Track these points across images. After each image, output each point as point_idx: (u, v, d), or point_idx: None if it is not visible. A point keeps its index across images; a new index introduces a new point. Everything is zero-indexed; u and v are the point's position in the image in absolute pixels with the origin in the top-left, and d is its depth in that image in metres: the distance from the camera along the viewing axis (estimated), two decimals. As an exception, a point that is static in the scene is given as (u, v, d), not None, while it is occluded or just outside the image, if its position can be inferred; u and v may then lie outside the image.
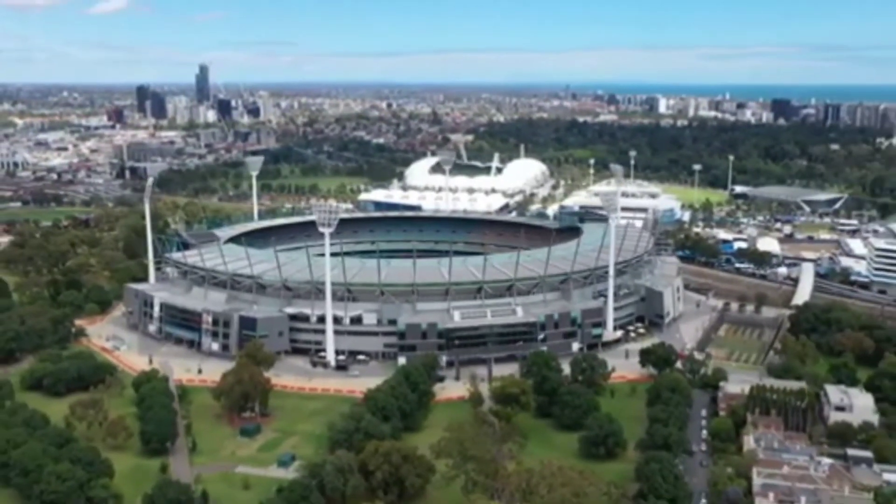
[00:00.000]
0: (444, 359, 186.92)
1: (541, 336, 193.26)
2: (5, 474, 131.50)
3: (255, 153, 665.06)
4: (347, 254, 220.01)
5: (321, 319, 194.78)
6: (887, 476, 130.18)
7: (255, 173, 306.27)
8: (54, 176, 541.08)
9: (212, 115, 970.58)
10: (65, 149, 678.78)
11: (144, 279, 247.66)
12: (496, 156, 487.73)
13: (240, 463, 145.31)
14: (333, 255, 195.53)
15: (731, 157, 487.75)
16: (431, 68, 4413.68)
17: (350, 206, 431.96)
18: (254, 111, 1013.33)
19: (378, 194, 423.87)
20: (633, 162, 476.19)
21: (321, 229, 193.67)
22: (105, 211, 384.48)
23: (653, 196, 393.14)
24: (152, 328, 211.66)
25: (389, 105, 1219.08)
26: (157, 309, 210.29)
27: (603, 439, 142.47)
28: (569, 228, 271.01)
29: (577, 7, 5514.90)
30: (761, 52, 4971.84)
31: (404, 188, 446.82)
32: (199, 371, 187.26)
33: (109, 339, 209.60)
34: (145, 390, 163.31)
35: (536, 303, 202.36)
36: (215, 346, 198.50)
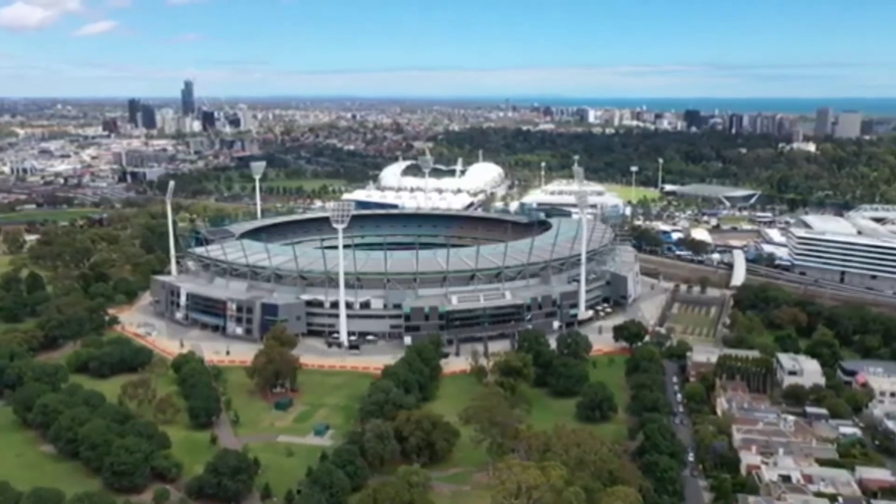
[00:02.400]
0: (444, 337, 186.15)
1: (527, 316, 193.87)
2: (72, 448, 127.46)
3: (241, 159, 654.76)
4: (347, 246, 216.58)
5: (334, 305, 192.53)
6: (842, 429, 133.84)
7: (257, 177, 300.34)
8: (61, 180, 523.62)
9: (197, 126, 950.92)
10: (67, 156, 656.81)
11: (162, 272, 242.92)
12: (460, 160, 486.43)
13: (280, 433, 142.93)
14: (332, 248, 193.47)
15: (661, 160, 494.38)
16: (387, 84, 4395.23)
17: (333, 204, 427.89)
18: (234, 122, 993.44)
19: (359, 194, 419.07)
20: (576, 165, 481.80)
21: (335, 225, 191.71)
22: (117, 211, 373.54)
23: (600, 194, 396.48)
24: (179, 315, 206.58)
25: (354, 116, 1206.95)
26: (183, 298, 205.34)
27: (598, 404, 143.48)
28: (537, 223, 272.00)
29: (513, 31, 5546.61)
30: (671, 70, 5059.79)
31: (381, 189, 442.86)
32: (227, 353, 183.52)
33: (140, 325, 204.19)
34: (186, 371, 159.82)
35: (521, 287, 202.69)
36: (239, 331, 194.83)
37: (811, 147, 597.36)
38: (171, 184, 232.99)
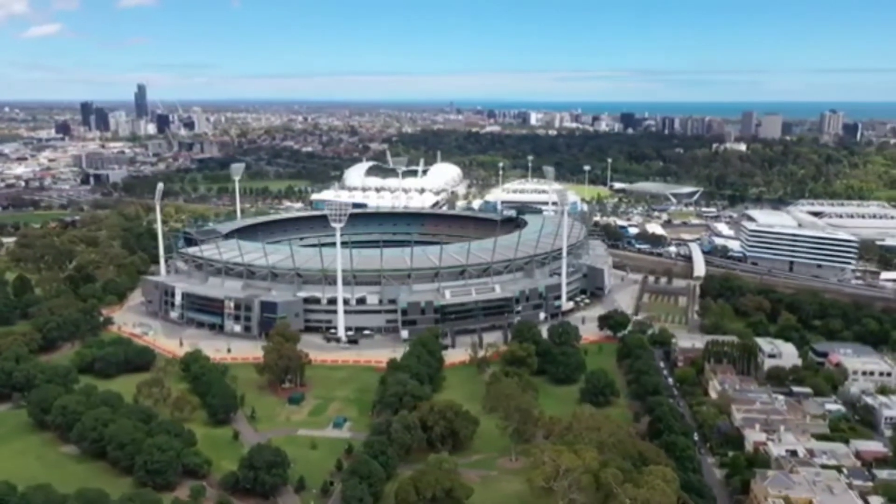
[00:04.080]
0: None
1: (517, 308, 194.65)
2: (97, 449, 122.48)
3: (201, 161, 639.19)
4: (344, 244, 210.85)
5: (331, 301, 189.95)
6: (828, 406, 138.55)
7: (237, 178, 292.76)
8: (23, 183, 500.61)
9: (152, 129, 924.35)
10: (24, 159, 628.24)
11: (146, 272, 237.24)
12: (421, 161, 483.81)
13: (298, 427, 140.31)
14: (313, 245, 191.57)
15: (609, 160, 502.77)
16: (333, 87, 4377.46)
17: (301, 205, 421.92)
18: (189, 125, 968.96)
19: (328, 194, 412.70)
20: (530, 165, 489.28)
21: (333, 224, 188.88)
22: (88, 213, 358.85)
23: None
24: (174, 315, 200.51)
25: (305, 119, 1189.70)
26: (178, 297, 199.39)
27: (601, 390, 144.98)
28: (508, 220, 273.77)
29: (455, 38, 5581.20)
30: (603, 75, 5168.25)
31: (346, 189, 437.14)
32: (229, 350, 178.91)
33: (136, 325, 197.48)
34: (196, 368, 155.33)
35: (508, 281, 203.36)
36: (238, 328, 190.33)
37: (742, 147, 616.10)
38: (160, 186, 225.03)
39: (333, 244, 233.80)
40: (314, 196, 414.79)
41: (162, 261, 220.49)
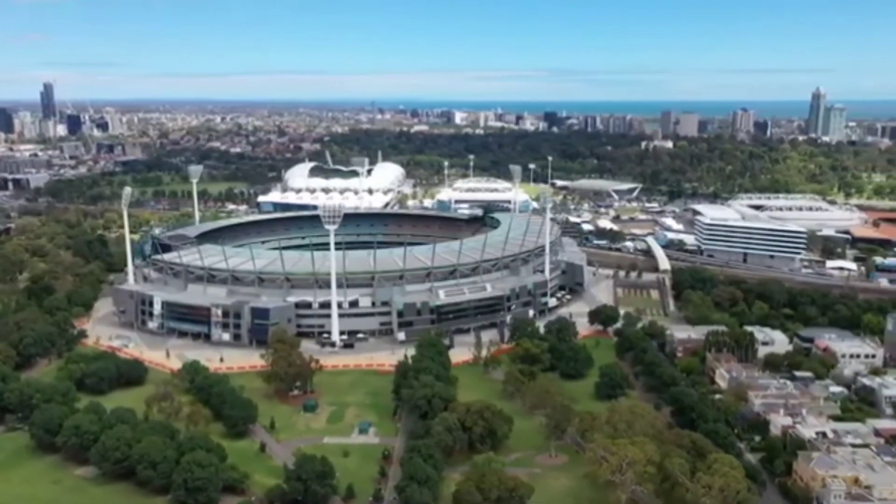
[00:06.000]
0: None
1: (510, 306, 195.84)
2: (118, 469, 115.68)
3: (125, 163, 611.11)
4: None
5: (322, 305, 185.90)
6: (831, 389, 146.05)
7: (195, 180, 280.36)
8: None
9: (62, 130, 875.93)
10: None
11: (105, 281, 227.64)
12: (366, 160, 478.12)
13: (322, 434, 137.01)
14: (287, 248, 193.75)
15: (550, 158, 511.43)
16: (247, 87, 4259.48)
17: (245, 207, 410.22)
18: (102, 126, 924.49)
19: (275, 196, 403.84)
20: (471, 164, 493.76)
21: (327, 226, 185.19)
22: (22, 221, 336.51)
23: (509, 190, 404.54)
24: (153, 325, 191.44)
25: (223, 118, 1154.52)
26: (157, 307, 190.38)
27: (617, 383, 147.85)
28: (476, 218, 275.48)
29: (369, 37, 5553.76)
30: (518, 75, 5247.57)
31: (294, 191, 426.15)
32: (221, 360, 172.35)
33: (114, 337, 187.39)
34: (201, 380, 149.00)
35: (496, 279, 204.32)
36: (226, 337, 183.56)
37: (669, 144, 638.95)
38: (127, 190, 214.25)
39: (298, 247, 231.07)
40: (261, 198, 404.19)
41: (130, 269, 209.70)
